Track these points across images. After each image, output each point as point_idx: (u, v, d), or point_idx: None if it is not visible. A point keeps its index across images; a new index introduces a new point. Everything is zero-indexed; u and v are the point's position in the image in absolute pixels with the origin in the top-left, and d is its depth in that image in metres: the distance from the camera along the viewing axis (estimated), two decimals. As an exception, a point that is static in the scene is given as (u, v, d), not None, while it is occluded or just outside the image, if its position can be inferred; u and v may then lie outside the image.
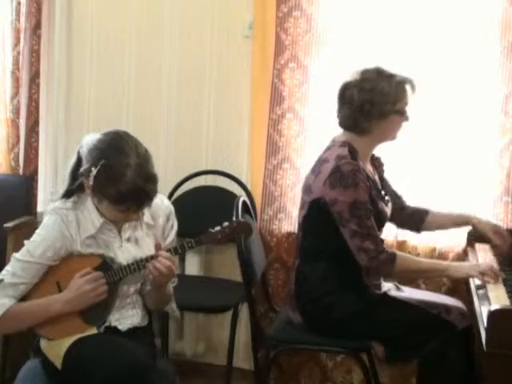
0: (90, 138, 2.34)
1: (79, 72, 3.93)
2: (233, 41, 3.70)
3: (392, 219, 3.05)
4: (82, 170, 2.32)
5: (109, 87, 3.90)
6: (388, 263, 2.72)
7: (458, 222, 3.11)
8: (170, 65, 3.81)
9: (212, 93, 3.76)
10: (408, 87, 2.80)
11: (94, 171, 2.26)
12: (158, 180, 2.31)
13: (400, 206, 3.08)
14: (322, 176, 2.76)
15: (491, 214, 3.36)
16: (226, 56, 3.72)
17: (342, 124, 2.86)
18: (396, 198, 3.07)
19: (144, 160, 2.28)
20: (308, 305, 2.83)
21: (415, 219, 3.11)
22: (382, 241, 2.76)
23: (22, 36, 3.83)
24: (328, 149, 2.85)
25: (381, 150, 3.00)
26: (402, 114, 2.80)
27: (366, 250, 2.70)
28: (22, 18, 3.82)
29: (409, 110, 2.83)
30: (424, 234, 3.18)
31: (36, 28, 3.81)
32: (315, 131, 3.53)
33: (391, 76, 2.78)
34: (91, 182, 2.28)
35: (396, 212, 3.02)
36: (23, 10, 3.82)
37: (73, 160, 2.39)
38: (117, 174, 2.23)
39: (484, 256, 3.02)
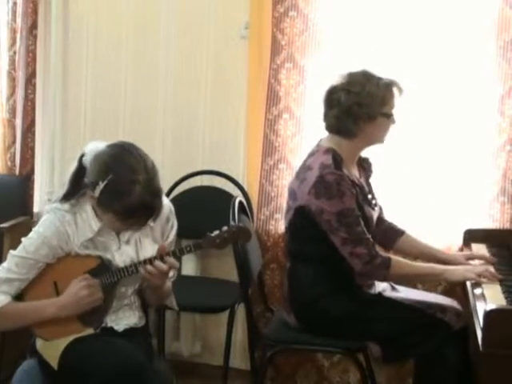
0: (94, 148, 2.31)
1: (75, 72, 3.92)
2: (229, 41, 3.69)
3: None
4: (87, 181, 2.30)
5: (105, 87, 3.89)
6: (383, 268, 2.70)
7: (427, 258, 2.97)
8: (166, 65, 3.80)
9: (208, 93, 3.76)
10: (395, 90, 2.77)
11: (102, 185, 2.23)
12: (163, 193, 2.31)
13: (378, 217, 2.98)
14: (306, 184, 2.73)
15: (487, 214, 3.37)
16: (223, 56, 3.72)
17: (328, 127, 2.83)
18: None
19: (152, 175, 2.26)
20: (302, 308, 2.82)
21: (388, 236, 3.05)
22: (374, 244, 2.73)
23: (18, 36, 3.82)
24: (312, 154, 2.82)
25: (377, 150, 2.99)
26: (388, 117, 2.78)
27: (358, 256, 2.68)
28: (18, 19, 3.81)
29: (396, 112, 2.80)
30: (419, 233, 3.14)
31: (32, 28, 3.80)
32: (311, 131, 3.52)
33: (378, 78, 2.75)
34: (97, 195, 2.26)
35: None
36: (19, 10, 3.81)
37: (74, 166, 2.36)
38: (125, 190, 2.21)
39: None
